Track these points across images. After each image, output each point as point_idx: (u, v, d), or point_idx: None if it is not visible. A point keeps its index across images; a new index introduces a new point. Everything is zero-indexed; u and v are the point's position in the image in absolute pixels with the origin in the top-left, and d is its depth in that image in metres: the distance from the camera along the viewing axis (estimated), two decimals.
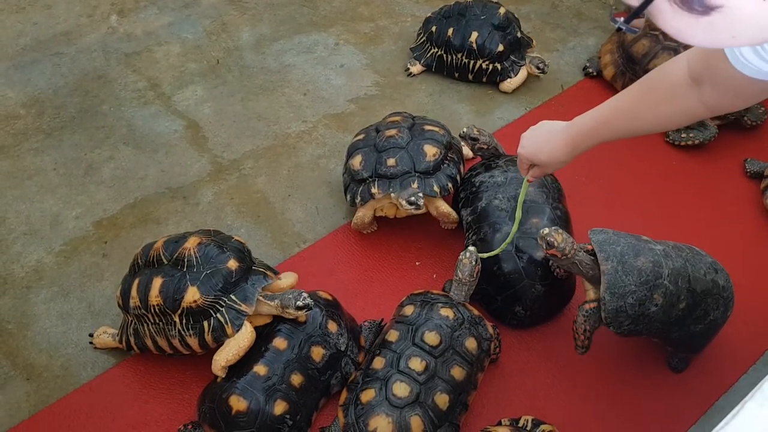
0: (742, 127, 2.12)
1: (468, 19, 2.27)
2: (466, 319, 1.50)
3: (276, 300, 1.46)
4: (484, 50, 2.24)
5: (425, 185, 1.74)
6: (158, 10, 2.62)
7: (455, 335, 1.46)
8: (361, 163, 1.78)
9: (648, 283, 1.41)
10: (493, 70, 2.28)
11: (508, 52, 2.25)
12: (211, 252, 1.47)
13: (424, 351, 1.43)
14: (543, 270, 1.62)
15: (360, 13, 2.65)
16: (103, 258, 1.82)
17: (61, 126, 2.17)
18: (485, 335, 1.50)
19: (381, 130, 1.84)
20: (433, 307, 1.50)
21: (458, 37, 2.27)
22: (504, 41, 2.23)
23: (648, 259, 1.43)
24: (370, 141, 1.82)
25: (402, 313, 1.54)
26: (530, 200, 1.71)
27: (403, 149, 1.77)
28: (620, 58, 2.24)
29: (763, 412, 0.54)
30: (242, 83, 2.34)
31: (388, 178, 1.75)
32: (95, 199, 1.96)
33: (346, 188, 1.84)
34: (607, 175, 2.04)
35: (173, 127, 2.17)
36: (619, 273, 1.41)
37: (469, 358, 1.45)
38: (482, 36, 2.24)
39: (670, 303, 1.43)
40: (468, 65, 2.29)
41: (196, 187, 2.00)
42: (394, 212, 1.82)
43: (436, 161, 1.77)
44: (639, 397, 1.57)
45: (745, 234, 1.89)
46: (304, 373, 1.43)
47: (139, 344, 1.54)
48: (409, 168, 1.75)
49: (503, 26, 2.24)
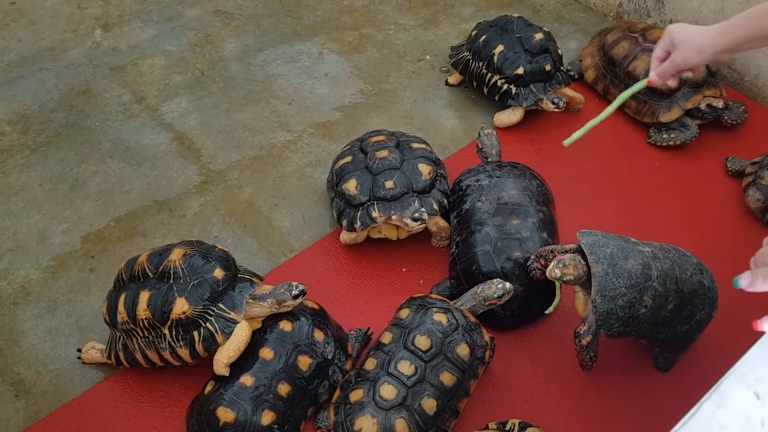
0: (722, 126, 2.14)
1: (507, 33, 2.17)
2: (461, 326, 1.50)
3: (269, 299, 1.47)
4: (503, 67, 2.13)
5: (425, 204, 1.75)
6: (142, 23, 2.63)
7: (447, 341, 1.46)
8: (357, 187, 1.76)
9: (638, 285, 1.42)
10: (506, 91, 2.15)
11: (529, 79, 2.12)
12: (197, 262, 1.48)
13: (414, 355, 1.44)
14: (521, 271, 1.64)
15: (344, 22, 2.66)
16: (91, 272, 1.83)
17: (46, 141, 2.17)
18: (480, 342, 1.51)
19: (369, 151, 1.82)
20: (427, 312, 1.51)
21: (487, 47, 2.17)
22: (527, 65, 2.11)
23: (638, 261, 1.44)
24: (360, 163, 1.80)
25: (398, 316, 1.55)
26: (513, 203, 1.73)
27: (398, 170, 1.77)
28: (601, 60, 2.26)
29: (720, 413, 0.56)
30: (227, 94, 2.35)
31: (388, 200, 1.74)
32: (81, 213, 1.97)
33: (340, 213, 1.80)
34: (592, 177, 2.05)
35: (159, 140, 2.18)
36: (610, 276, 1.42)
37: (460, 365, 1.46)
38: (506, 52, 2.13)
39: (659, 304, 1.44)
40: (485, 77, 2.19)
41: (182, 199, 2.00)
42: (396, 234, 1.82)
43: (431, 179, 1.79)
44: (626, 397, 1.59)
45: (728, 232, 1.90)
46: (291, 382, 1.44)
47: (128, 359, 1.55)
48: (407, 188, 1.76)
49: (533, 51, 2.12)
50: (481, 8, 2.74)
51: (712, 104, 2.08)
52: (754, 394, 0.63)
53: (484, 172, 1.83)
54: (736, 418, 0.58)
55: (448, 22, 2.67)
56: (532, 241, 1.66)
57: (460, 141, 2.19)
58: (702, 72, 2.08)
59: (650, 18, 2.51)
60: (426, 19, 2.68)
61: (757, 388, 0.64)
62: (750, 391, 0.63)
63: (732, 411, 0.59)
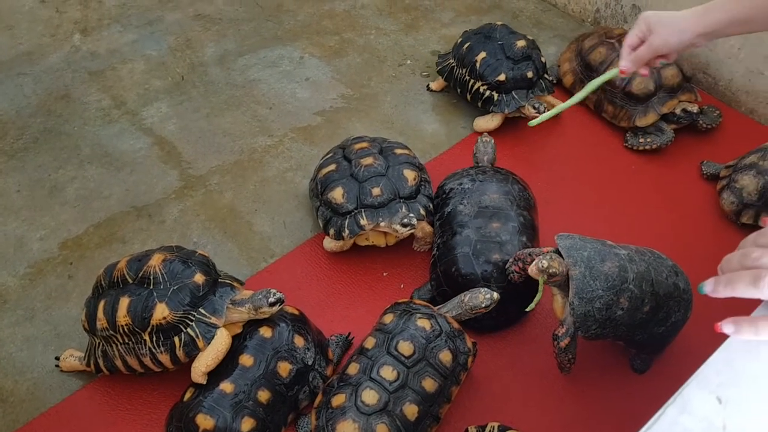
0: (697, 130, 2.17)
1: (491, 40, 2.18)
2: (444, 332, 1.51)
3: (247, 304, 1.47)
4: (486, 74, 2.14)
5: (412, 209, 1.76)
6: (122, 27, 2.62)
7: (430, 347, 1.47)
8: (343, 195, 1.76)
9: (615, 287, 1.43)
10: (489, 97, 2.16)
11: (511, 85, 2.13)
12: (177, 268, 1.48)
13: (397, 360, 1.44)
14: (499, 274, 1.65)
15: (324, 27, 2.67)
16: (69, 279, 1.81)
17: (24, 147, 2.15)
18: (462, 349, 1.51)
19: (353, 158, 1.83)
20: (411, 317, 1.52)
21: (470, 54, 2.19)
22: (509, 72, 2.12)
23: (614, 263, 1.46)
24: (345, 171, 1.81)
25: (382, 321, 1.55)
26: (494, 206, 1.74)
27: (384, 176, 1.78)
28: (578, 66, 2.28)
29: (683, 418, 0.57)
30: (207, 99, 2.34)
31: (375, 207, 1.75)
32: (60, 220, 1.95)
33: (327, 222, 1.80)
34: (569, 181, 2.08)
35: (138, 145, 2.17)
36: (587, 278, 1.43)
37: (443, 371, 1.46)
38: (489, 59, 2.14)
39: (635, 306, 1.46)
40: (468, 84, 2.21)
41: (162, 205, 2.00)
42: (384, 241, 1.82)
43: (417, 184, 1.80)
44: (604, 399, 1.60)
45: (703, 234, 1.93)
46: (271, 388, 1.44)
47: (108, 366, 1.54)
48: (394, 195, 1.77)
49: (515, 58, 2.13)
50: (461, 14, 2.75)
51: (687, 109, 2.11)
52: (717, 398, 0.64)
53: (467, 176, 1.85)
54: (698, 423, 0.59)
55: (429, 27, 2.68)
56: (511, 245, 1.68)
57: (441, 145, 2.20)
58: (677, 77, 2.12)
59: (627, 24, 2.54)
60: (406, 24, 2.70)
61: (719, 392, 0.65)
62: (712, 395, 0.65)
63: (695, 416, 0.60)
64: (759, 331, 0.71)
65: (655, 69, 2.10)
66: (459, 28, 2.65)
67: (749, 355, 0.70)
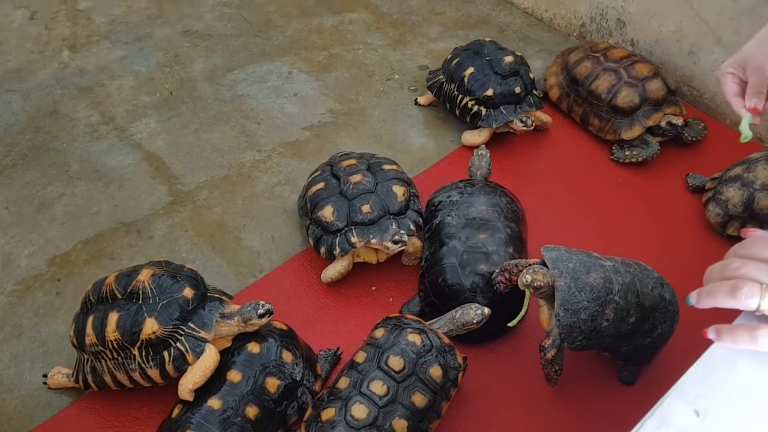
0: (682, 143, 2.20)
1: (479, 56, 2.19)
2: (435, 347, 1.51)
3: (236, 317, 1.47)
4: (473, 89, 2.15)
5: (402, 225, 1.77)
6: (111, 44, 2.63)
7: (420, 362, 1.47)
8: (333, 213, 1.77)
9: (600, 299, 1.44)
10: (477, 112, 2.17)
11: (499, 100, 2.14)
12: (166, 282, 1.48)
13: (387, 375, 1.44)
14: (485, 284, 1.67)
15: (313, 42, 2.69)
16: (57, 296, 1.81)
17: (12, 164, 2.15)
18: (453, 364, 1.52)
19: (341, 176, 1.84)
20: (402, 332, 1.52)
21: (459, 69, 2.20)
22: (497, 87, 2.13)
23: (599, 275, 1.47)
24: (334, 188, 1.81)
25: (373, 336, 1.55)
26: (481, 218, 1.76)
27: (373, 193, 1.79)
28: (564, 80, 2.31)
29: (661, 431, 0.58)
30: (196, 114, 2.35)
31: (366, 224, 1.76)
32: (48, 236, 1.95)
33: (317, 241, 1.80)
34: (556, 194, 2.09)
35: (126, 161, 2.17)
36: (572, 289, 1.44)
37: (433, 386, 1.46)
38: (476, 74, 2.15)
39: (621, 317, 1.47)
40: (456, 99, 2.21)
41: (150, 221, 2.00)
42: (375, 257, 1.83)
43: (406, 200, 1.81)
44: (592, 410, 1.61)
45: (689, 246, 1.95)
46: (259, 405, 1.44)
47: (97, 381, 1.53)
48: (384, 211, 1.77)
49: (503, 73, 2.14)
50: (449, 28, 2.78)
51: (673, 122, 2.13)
52: (694, 411, 0.65)
53: (455, 189, 1.87)
54: None
55: (416, 42, 2.71)
56: (497, 255, 1.69)
57: (429, 159, 2.21)
58: (662, 90, 2.14)
59: (612, 38, 2.57)
60: (394, 39, 2.72)
61: (697, 405, 0.66)
62: (690, 408, 0.66)
63: (673, 428, 0.61)
64: (736, 339, 0.72)
65: (640, 82, 2.13)
66: (446, 43, 2.68)
67: (726, 368, 0.71)
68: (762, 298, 0.71)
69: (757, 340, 0.70)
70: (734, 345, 0.72)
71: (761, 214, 1.87)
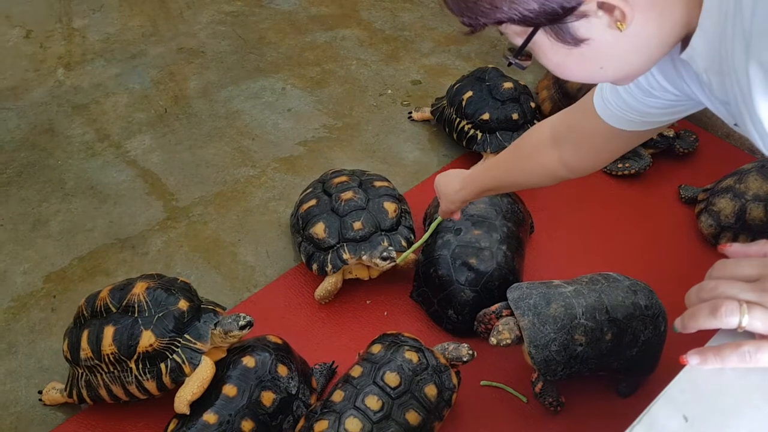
0: (675, 155, 2.22)
1: (479, 82, 2.21)
2: (431, 366, 1.51)
3: (217, 328, 1.50)
4: (470, 112, 2.16)
5: (393, 242, 1.78)
6: (105, 62, 2.65)
7: (416, 379, 1.47)
8: (325, 230, 1.78)
9: (565, 327, 1.47)
10: (473, 136, 2.17)
11: (495, 125, 2.14)
12: (160, 295, 1.49)
13: (382, 391, 1.44)
14: (474, 276, 1.72)
15: (306, 58, 2.71)
16: (52, 313, 1.81)
17: (8, 181, 2.16)
18: (448, 385, 1.52)
19: (333, 193, 1.85)
20: (399, 349, 1.52)
21: (458, 94, 2.21)
22: (493, 112, 2.13)
23: (559, 304, 1.50)
24: (326, 206, 1.83)
25: (370, 351, 1.56)
26: (479, 216, 1.82)
27: (364, 210, 1.80)
28: (556, 93, 2.33)
29: None
30: (190, 131, 2.37)
31: (357, 241, 1.77)
32: (43, 253, 1.95)
33: (309, 257, 1.81)
34: (549, 206, 2.10)
35: (121, 178, 2.18)
36: (537, 325, 1.48)
37: (427, 405, 1.46)
38: (474, 98, 2.16)
39: (595, 338, 1.49)
40: (454, 122, 2.21)
41: (145, 237, 2.00)
42: (367, 274, 1.83)
43: (397, 216, 1.83)
44: (584, 417, 1.60)
45: (682, 257, 1.96)
46: (254, 418, 1.44)
47: (92, 395, 1.53)
48: (375, 228, 1.79)
49: (501, 99, 2.15)
50: (441, 43, 2.81)
51: (664, 134, 2.15)
52: (683, 416, 0.66)
53: None
54: None
55: (409, 57, 2.73)
56: (489, 251, 1.74)
57: (422, 173, 2.23)
58: None
59: None
60: (387, 54, 2.75)
61: (685, 410, 0.67)
62: (679, 413, 0.66)
63: None
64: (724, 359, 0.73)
65: None
66: (439, 58, 2.70)
67: (714, 373, 0.72)
68: (742, 315, 0.71)
69: (745, 356, 0.71)
70: (723, 365, 0.73)
71: (753, 225, 1.89)
